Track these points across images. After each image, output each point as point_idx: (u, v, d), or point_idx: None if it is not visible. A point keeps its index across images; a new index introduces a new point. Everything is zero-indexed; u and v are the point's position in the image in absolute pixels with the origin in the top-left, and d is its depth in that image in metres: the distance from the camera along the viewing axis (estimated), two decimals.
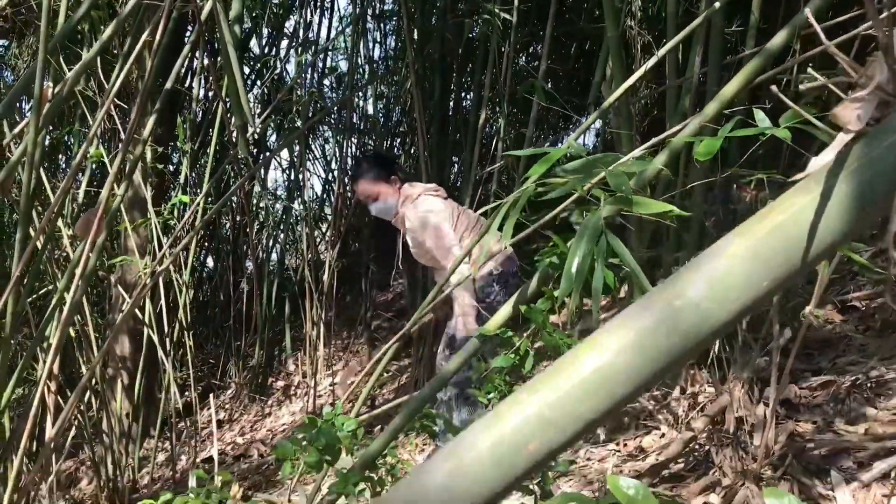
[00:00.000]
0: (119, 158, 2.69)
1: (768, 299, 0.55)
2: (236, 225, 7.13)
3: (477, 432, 0.54)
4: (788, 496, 0.91)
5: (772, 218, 0.55)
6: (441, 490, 0.52)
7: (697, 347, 0.54)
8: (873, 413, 2.27)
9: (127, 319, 4.42)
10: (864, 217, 0.53)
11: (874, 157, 0.53)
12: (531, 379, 0.55)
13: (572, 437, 0.53)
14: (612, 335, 0.54)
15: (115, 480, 4.21)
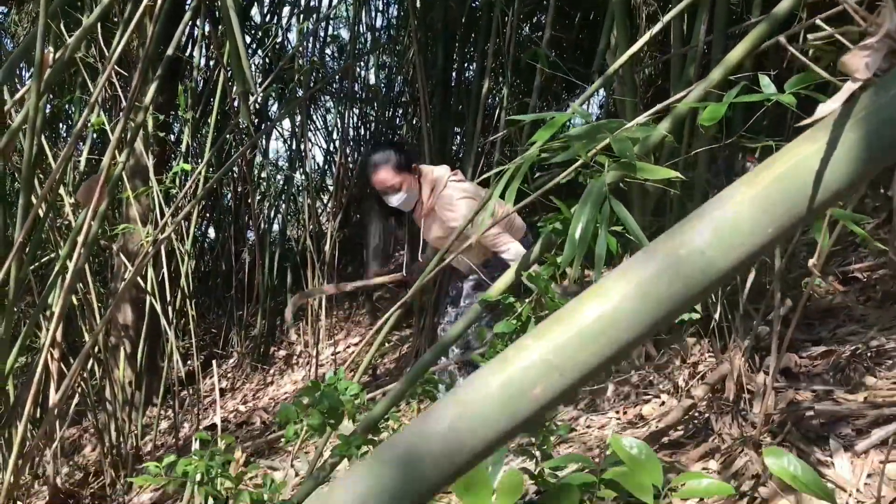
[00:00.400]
0: (121, 126, 2.69)
1: (772, 247, 0.55)
2: (237, 195, 7.13)
3: (484, 376, 0.54)
4: (787, 455, 0.92)
5: (778, 166, 0.55)
6: (447, 431, 0.53)
7: (700, 295, 0.54)
8: (873, 382, 2.28)
9: (129, 288, 4.43)
10: (870, 165, 0.53)
11: (882, 105, 0.53)
12: (537, 326, 0.55)
13: (576, 382, 0.53)
14: (616, 283, 0.54)
15: (118, 447, 4.25)
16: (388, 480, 0.53)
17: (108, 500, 4.15)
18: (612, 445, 1.01)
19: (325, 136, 7.25)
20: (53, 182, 2.87)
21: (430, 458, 0.53)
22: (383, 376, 4.73)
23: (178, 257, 4.46)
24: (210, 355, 6.00)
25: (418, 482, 0.53)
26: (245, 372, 5.77)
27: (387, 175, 3.25)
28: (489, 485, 0.91)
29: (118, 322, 5.01)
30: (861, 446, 1.94)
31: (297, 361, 5.69)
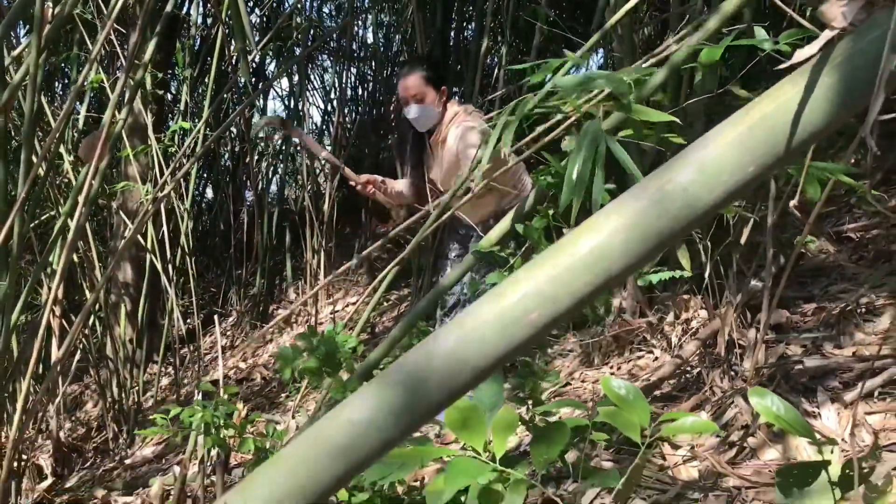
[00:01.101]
0: (121, 83, 2.70)
1: (753, 185, 0.59)
2: (235, 154, 7.13)
3: (484, 304, 0.58)
4: (771, 396, 0.97)
5: (760, 108, 0.59)
6: (450, 353, 0.57)
7: (686, 229, 0.58)
8: (861, 337, 2.33)
9: (130, 246, 4.46)
10: (845, 108, 0.57)
11: (856, 51, 0.56)
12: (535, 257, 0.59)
13: (569, 310, 0.57)
14: (607, 217, 0.58)
15: (120, 402, 4.32)
16: (396, 398, 0.57)
17: (110, 454, 4.23)
18: (602, 387, 1.05)
19: (322, 96, 7.22)
20: (54, 140, 2.88)
21: (434, 378, 0.57)
22: (381, 334, 4.78)
23: (178, 216, 4.49)
24: (209, 314, 6.05)
25: (423, 400, 0.58)
26: (244, 330, 5.83)
27: (415, 82, 3.11)
28: (484, 424, 0.95)
29: (118, 280, 5.05)
30: (847, 398, 2.00)
31: (296, 320, 5.74)
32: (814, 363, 2.20)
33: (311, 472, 0.58)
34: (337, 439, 0.58)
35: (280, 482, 0.58)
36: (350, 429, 0.58)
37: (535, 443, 1.02)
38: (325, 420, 0.60)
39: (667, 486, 1.94)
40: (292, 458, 0.60)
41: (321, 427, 0.60)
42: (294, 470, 0.58)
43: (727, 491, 1.84)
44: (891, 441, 1.81)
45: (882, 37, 0.53)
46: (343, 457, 0.58)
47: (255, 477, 0.60)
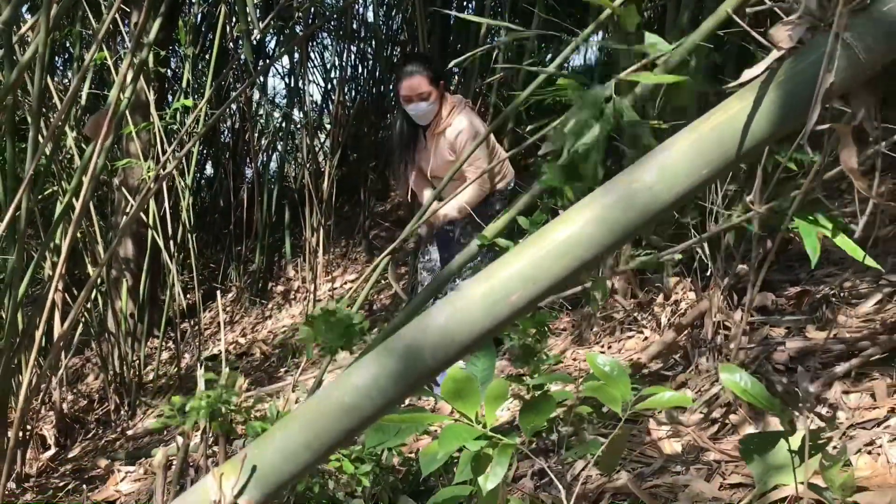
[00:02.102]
0: (127, 61, 2.76)
1: (708, 184, 0.67)
2: (235, 132, 7.18)
3: (472, 284, 0.66)
4: (740, 371, 1.05)
5: (714, 118, 0.67)
6: (440, 328, 0.65)
7: (649, 222, 0.66)
8: (843, 320, 2.41)
9: (132, 222, 4.53)
10: (788, 120, 0.65)
11: (798, 71, 0.64)
12: (516, 246, 0.67)
13: (546, 291, 0.65)
14: (580, 211, 0.66)
15: (121, 375, 4.41)
16: (395, 365, 0.65)
17: (112, 425, 4.32)
18: (588, 363, 1.13)
19: (322, 75, 7.26)
20: (61, 117, 2.94)
21: (428, 348, 0.66)
22: (379, 311, 4.87)
23: (179, 192, 4.55)
24: (209, 290, 6.14)
25: (419, 367, 0.66)
26: (244, 306, 5.92)
27: (421, 81, 3.23)
28: (477, 394, 1.03)
29: (119, 255, 5.12)
30: (825, 378, 2.09)
31: (294, 296, 5.82)
32: (796, 344, 2.28)
33: (321, 429, 0.66)
34: (343, 400, 0.66)
35: (293, 437, 0.66)
36: (355, 391, 0.66)
37: (524, 412, 1.10)
38: (332, 385, 0.68)
39: (651, 459, 2.03)
40: (304, 416, 0.68)
41: (329, 390, 0.68)
42: (306, 427, 0.66)
43: (708, 464, 1.93)
44: (865, 419, 1.90)
45: (820, 58, 0.61)
46: (348, 415, 0.66)
47: (272, 433, 0.68)
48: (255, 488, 0.65)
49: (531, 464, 2.13)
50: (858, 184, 0.69)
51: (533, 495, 1.99)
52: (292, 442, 0.66)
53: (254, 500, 0.64)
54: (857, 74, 0.62)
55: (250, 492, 0.64)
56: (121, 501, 3.17)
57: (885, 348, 2.07)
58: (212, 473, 0.63)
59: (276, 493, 0.66)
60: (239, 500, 0.63)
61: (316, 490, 2.02)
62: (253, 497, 0.64)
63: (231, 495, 0.63)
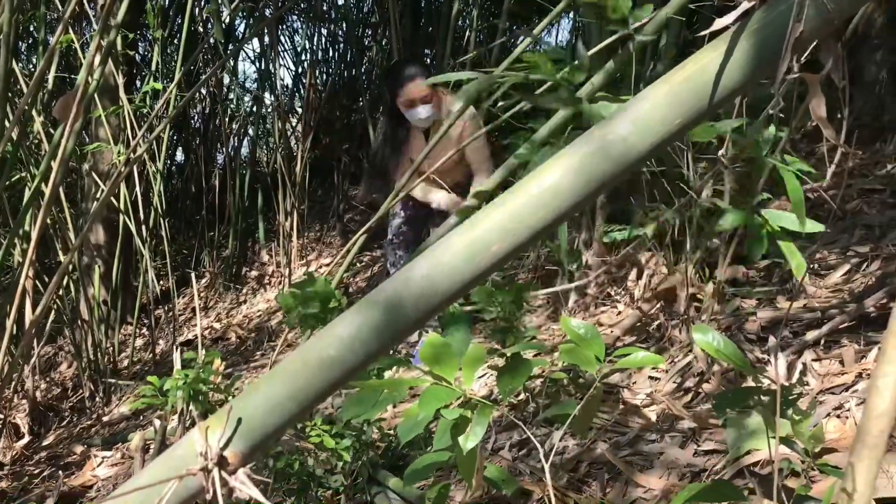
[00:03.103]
0: (95, 44, 2.72)
1: (681, 135, 0.68)
2: (205, 116, 7.11)
3: (454, 236, 0.67)
4: (712, 332, 1.07)
5: (686, 69, 0.68)
6: (423, 279, 0.66)
7: (624, 171, 0.67)
8: (812, 290, 2.46)
9: (103, 207, 4.48)
10: (759, 69, 0.66)
11: (769, 20, 0.66)
12: (498, 197, 0.68)
13: (526, 241, 0.66)
14: (557, 162, 0.67)
15: (95, 363, 4.38)
16: (378, 316, 0.66)
17: (87, 413, 4.29)
18: (562, 326, 1.15)
19: (293, 58, 7.21)
20: (28, 101, 2.90)
21: (410, 300, 0.67)
22: (355, 294, 4.87)
23: (150, 177, 4.51)
24: (182, 276, 6.09)
25: (401, 318, 0.67)
26: (218, 291, 5.88)
27: (423, 88, 3.25)
28: (455, 358, 1.04)
29: (90, 242, 5.07)
30: (796, 346, 2.13)
31: (269, 281, 5.80)
32: (766, 314, 2.33)
33: (305, 381, 0.67)
34: (327, 352, 0.67)
35: (278, 389, 0.67)
36: (338, 343, 0.67)
37: (501, 375, 1.12)
38: (316, 337, 0.69)
39: (626, 428, 2.06)
40: (288, 369, 0.68)
41: (313, 342, 0.68)
42: (290, 379, 0.67)
43: (682, 432, 1.96)
44: (834, 384, 1.94)
45: (790, 8, 0.62)
46: (332, 367, 0.66)
47: (256, 386, 0.68)
48: (241, 440, 0.65)
49: (509, 435, 2.15)
50: (827, 132, 0.71)
51: (511, 466, 2.01)
52: (277, 394, 0.66)
53: (240, 451, 0.65)
54: (825, 24, 0.63)
55: (236, 444, 0.65)
56: (98, 486, 3.16)
57: (853, 316, 2.12)
58: (198, 426, 0.64)
59: (261, 444, 0.67)
60: (225, 451, 0.64)
61: (296, 467, 2.04)
62: (239, 448, 0.65)
63: (217, 447, 0.63)
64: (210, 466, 0.62)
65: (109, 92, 4.60)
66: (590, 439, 2.04)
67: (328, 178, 6.58)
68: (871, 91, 3.90)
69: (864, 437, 0.54)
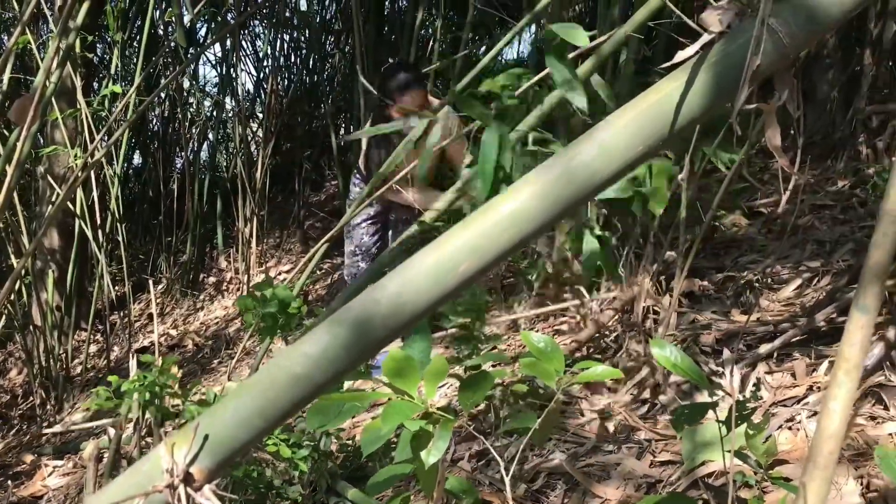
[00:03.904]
0: (53, 46, 2.68)
1: (644, 160, 0.70)
2: (165, 120, 7.02)
3: (421, 256, 0.68)
4: (670, 346, 1.10)
5: (649, 98, 0.71)
6: (392, 297, 0.67)
7: (589, 196, 0.69)
8: (766, 304, 2.52)
9: (58, 211, 4.40)
10: (718, 99, 0.69)
11: (728, 53, 0.68)
12: (465, 217, 0.69)
13: (493, 262, 0.68)
14: (524, 186, 0.69)
15: (47, 369, 4.29)
16: (346, 334, 0.67)
17: (38, 420, 4.21)
18: (522, 339, 1.17)
19: (254, 63, 7.15)
20: None
21: (378, 318, 0.68)
22: (314, 302, 4.85)
23: (108, 181, 4.44)
24: (138, 281, 6.01)
25: (369, 336, 0.67)
26: (174, 298, 5.81)
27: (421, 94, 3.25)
28: (417, 371, 1.05)
29: (44, 246, 4.97)
30: (749, 359, 2.18)
31: (227, 288, 5.74)
32: (721, 328, 2.38)
33: (273, 398, 0.67)
34: (294, 370, 0.67)
35: (247, 405, 0.67)
36: (306, 360, 0.68)
37: (463, 389, 1.13)
38: (284, 354, 0.69)
39: (584, 440, 2.09)
40: (256, 386, 0.69)
41: (280, 359, 0.69)
42: (258, 395, 0.67)
43: (639, 443, 2.00)
44: (786, 396, 1.99)
45: (748, 42, 0.65)
46: (299, 384, 0.67)
47: (224, 402, 0.69)
48: (208, 457, 0.65)
49: (469, 446, 2.17)
50: (782, 161, 0.73)
51: (471, 476, 2.03)
52: (245, 411, 0.67)
53: (206, 468, 0.65)
54: (781, 57, 0.66)
55: (202, 460, 0.65)
56: (49, 496, 3.10)
57: (805, 330, 2.18)
58: (163, 443, 0.64)
59: (228, 460, 0.67)
60: (191, 468, 0.64)
61: (254, 476, 2.02)
62: (206, 465, 0.65)
63: (183, 463, 0.64)
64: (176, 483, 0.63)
65: (67, 94, 4.52)
66: (548, 450, 2.06)
67: (289, 184, 6.54)
68: (823, 109, 4.00)
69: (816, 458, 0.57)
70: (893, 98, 3.59)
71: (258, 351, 3.57)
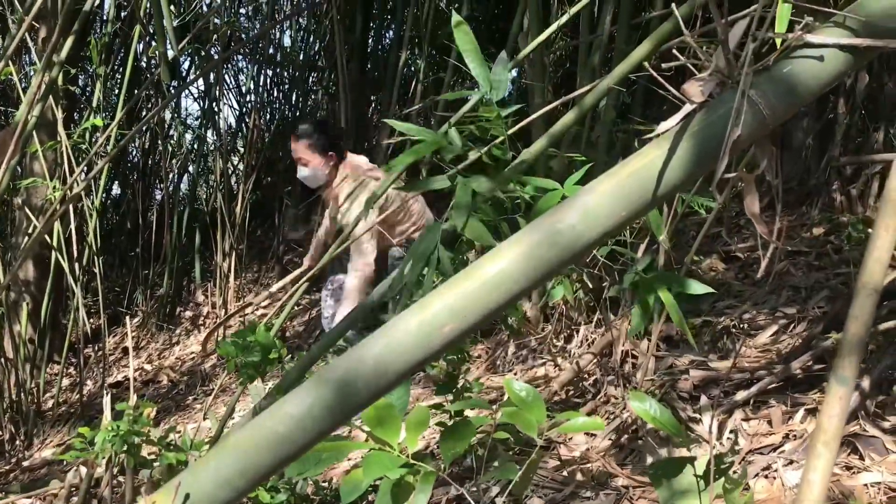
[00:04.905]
0: (37, 80, 2.68)
1: (627, 225, 0.72)
2: (145, 151, 7.00)
3: (406, 316, 0.69)
4: (650, 399, 1.10)
5: (632, 165, 0.72)
6: (376, 358, 0.68)
7: (572, 259, 0.70)
8: (743, 350, 2.54)
9: (35, 244, 4.35)
10: (699, 167, 0.71)
11: (709, 123, 0.70)
12: (449, 279, 0.70)
13: (477, 323, 0.68)
14: (509, 247, 0.70)
15: (18, 403, 4.21)
16: (330, 395, 0.67)
17: (6, 456, 4.12)
18: (505, 387, 1.17)
19: (237, 97, 7.18)
20: None
21: (362, 379, 0.68)
22: (292, 338, 4.82)
23: (87, 213, 4.41)
24: (114, 314, 5.94)
25: (353, 397, 0.68)
26: (150, 332, 5.74)
27: (300, 147, 3.45)
28: (398, 422, 1.05)
29: (19, 277, 4.91)
30: (726, 406, 2.19)
31: (203, 322, 5.69)
32: (698, 374, 2.39)
33: (255, 458, 0.67)
34: (277, 429, 0.67)
35: (228, 465, 0.67)
36: (289, 421, 0.67)
37: (444, 438, 1.12)
38: (267, 413, 0.69)
39: (562, 486, 2.08)
40: (238, 445, 0.68)
41: (263, 419, 0.69)
42: (240, 455, 0.67)
43: (616, 490, 1.99)
44: (762, 444, 2.00)
45: (729, 112, 0.67)
46: (282, 445, 0.67)
47: (205, 461, 0.68)
48: None
49: (446, 490, 2.15)
50: (760, 228, 0.75)
51: None
52: (227, 470, 0.66)
53: None
54: (761, 128, 0.68)
55: None
56: None
57: (781, 377, 2.19)
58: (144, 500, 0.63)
59: None
60: None
61: None
62: None
63: None
64: None
65: (47, 126, 4.49)
66: (526, 495, 2.05)
67: (269, 219, 6.53)
68: (798, 156, 4.07)
69: None
70: (867, 147, 3.66)
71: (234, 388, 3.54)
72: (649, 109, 3.72)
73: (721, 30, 0.68)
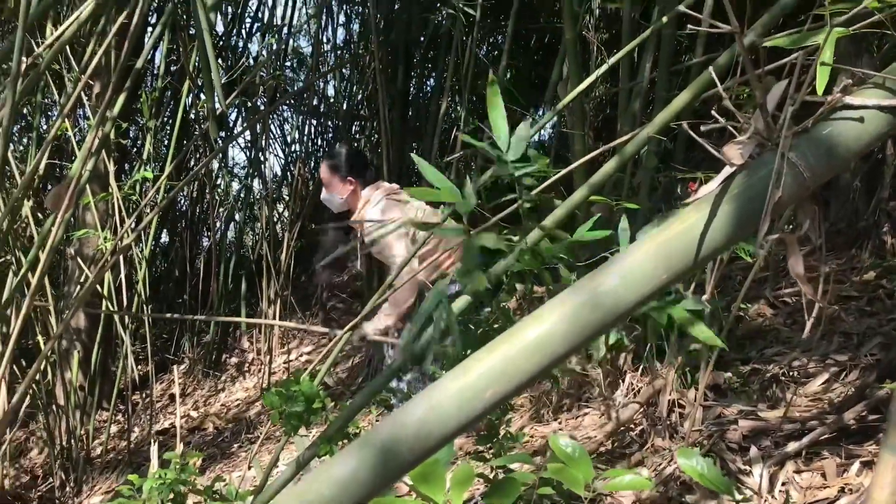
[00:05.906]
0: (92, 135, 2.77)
1: (668, 288, 0.72)
2: (193, 200, 7.16)
3: (447, 381, 0.69)
4: (696, 455, 1.08)
5: (673, 227, 0.73)
6: (418, 422, 0.68)
7: (615, 322, 0.70)
8: (793, 399, 2.48)
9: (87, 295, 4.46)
10: (740, 230, 0.71)
11: (749, 185, 0.70)
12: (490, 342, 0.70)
13: (520, 387, 0.69)
14: (550, 310, 0.71)
15: (69, 450, 4.28)
16: (374, 458, 0.68)
17: (56, 502, 4.17)
18: (550, 444, 1.16)
19: (282, 146, 7.32)
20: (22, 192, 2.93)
21: (405, 443, 0.68)
22: (335, 385, 4.83)
23: (137, 262, 4.51)
24: (161, 361, 6.02)
25: (396, 461, 0.68)
26: (196, 378, 5.81)
27: (323, 169, 3.55)
28: (443, 477, 1.05)
29: (70, 326, 5.02)
30: (777, 457, 2.13)
31: (248, 369, 5.74)
32: (747, 423, 2.34)
33: None
34: (323, 492, 0.68)
35: None
36: (335, 484, 0.68)
37: (489, 496, 1.12)
38: (313, 476, 0.70)
39: None
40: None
41: (310, 481, 0.69)
42: None
43: None
44: (817, 498, 1.94)
45: (769, 174, 0.67)
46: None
47: None
48: None
49: None
50: (805, 289, 0.74)
51: None
52: None
53: None
54: (801, 189, 0.68)
55: None
56: None
57: (833, 428, 2.13)
58: None
59: None
60: None
61: None
62: None
63: None
64: None
65: (99, 178, 4.63)
66: None
67: (312, 266, 6.60)
68: (846, 198, 4.01)
69: None
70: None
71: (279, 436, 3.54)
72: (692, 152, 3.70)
73: (759, 94, 0.69)
